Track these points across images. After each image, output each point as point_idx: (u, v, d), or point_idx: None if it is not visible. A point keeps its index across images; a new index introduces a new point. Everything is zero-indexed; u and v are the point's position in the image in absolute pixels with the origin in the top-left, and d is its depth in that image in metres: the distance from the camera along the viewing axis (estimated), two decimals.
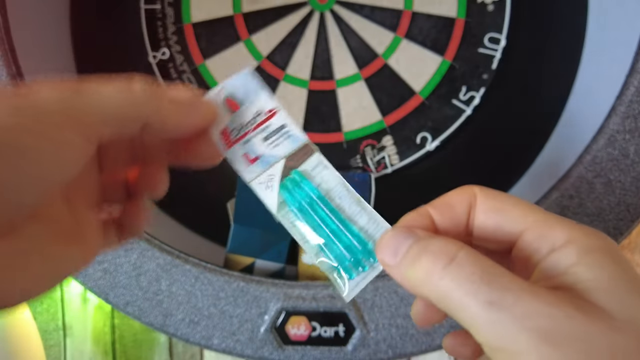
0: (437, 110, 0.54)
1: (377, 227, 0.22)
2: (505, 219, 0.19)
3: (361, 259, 0.21)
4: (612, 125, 0.40)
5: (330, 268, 0.21)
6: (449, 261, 0.17)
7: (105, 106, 0.20)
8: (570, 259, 0.17)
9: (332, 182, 0.23)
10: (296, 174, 0.23)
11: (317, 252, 0.22)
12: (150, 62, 0.55)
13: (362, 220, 0.22)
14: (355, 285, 0.21)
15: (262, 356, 0.42)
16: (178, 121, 0.21)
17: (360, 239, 0.22)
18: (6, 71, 0.42)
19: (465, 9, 0.53)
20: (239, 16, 0.54)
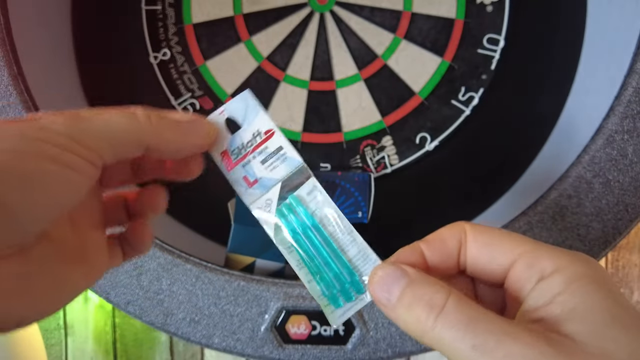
0: (437, 110, 0.54)
1: (366, 260, 0.23)
2: (496, 252, 0.20)
3: (349, 289, 0.22)
4: (610, 125, 0.40)
5: (320, 295, 0.23)
6: (439, 311, 0.19)
7: (109, 130, 0.20)
8: (557, 288, 0.18)
9: (326, 209, 0.23)
10: (292, 198, 0.23)
11: (310, 279, 0.23)
12: (151, 63, 0.55)
13: (353, 251, 0.23)
14: (341, 313, 0.22)
15: (263, 355, 0.42)
16: (179, 143, 0.22)
17: (349, 270, 0.22)
18: (7, 71, 0.42)
19: (465, 10, 0.53)
20: (239, 17, 0.54)
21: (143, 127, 0.21)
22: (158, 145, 0.22)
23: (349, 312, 0.22)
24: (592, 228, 0.41)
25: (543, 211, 0.41)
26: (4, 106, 0.42)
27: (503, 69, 0.53)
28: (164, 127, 0.22)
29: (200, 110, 0.55)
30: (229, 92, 0.55)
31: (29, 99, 0.43)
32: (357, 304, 0.22)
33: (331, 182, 0.50)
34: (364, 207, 0.49)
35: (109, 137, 0.21)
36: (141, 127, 0.21)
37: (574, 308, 0.18)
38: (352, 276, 0.23)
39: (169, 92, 0.55)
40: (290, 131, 0.55)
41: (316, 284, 0.23)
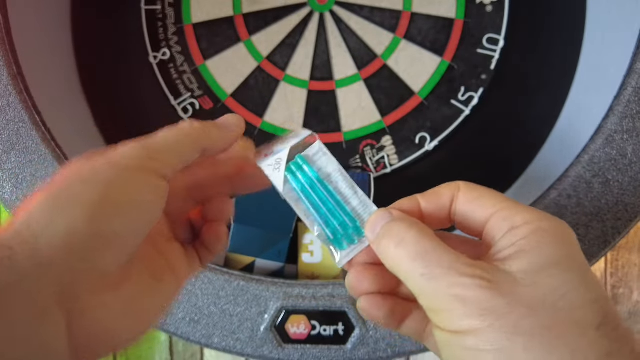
0: (436, 110, 0.54)
1: (366, 209, 0.26)
2: (479, 206, 0.23)
3: (351, 234, 0.25)
4: (610, 125, 0.40)
5: (326, 240, 0.26)
6: (399, 242, 0.22)
7: (170, 144, 0.23)
8: (520, 236, 0.21)
9: (330, 167, 0.26)
10: (299, 158, 0.26)
11: (316, 226, 0.26)
12: (151, 63, 0.55)
13: (354, 202, 0.26)
14: (346, 254, 0.25)
15: (262, 355, 0.42)
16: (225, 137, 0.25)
17: (351, 217, 0.26)
18: (7, 71, 0.42)
19: (464, 10, 0.53)
20: (239, 17, 0.54)
21: (195, 132, 0.24)
22: (211, 144, 0.25)
23: (352, 253, 0.25)
24: (592, 228, 0.41)
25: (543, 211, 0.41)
26: (4, 106, 0.42)
27: (503, 69, 0.53)
28: (209, 128, 0.25)
29: (200, 110, 0.55)
30: (228, 92, 0.55)
31: (29, 99, 0.43)
32: (359, 246, 0.25)
33: None
34: None
35: (174, 148, 0.23)
36: (194, 132, 0.24)
37: (524, 250, 0.20)
38: (354, 222, 0.25)
39: (168, 92, 0.55)
40: (290, 131, 0.55)
41: (323, 230, 0.25)
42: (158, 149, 0.23)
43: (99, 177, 0.21)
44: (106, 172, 0.21)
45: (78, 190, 0.20)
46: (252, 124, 0.55)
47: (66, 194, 0.20)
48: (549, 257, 0.20)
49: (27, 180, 0.43)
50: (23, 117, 0.42)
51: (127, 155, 0.22)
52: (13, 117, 0.42)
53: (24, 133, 0.42)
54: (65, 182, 0.21)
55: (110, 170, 0.21)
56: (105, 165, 0.21)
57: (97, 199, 0.20)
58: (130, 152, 0.22)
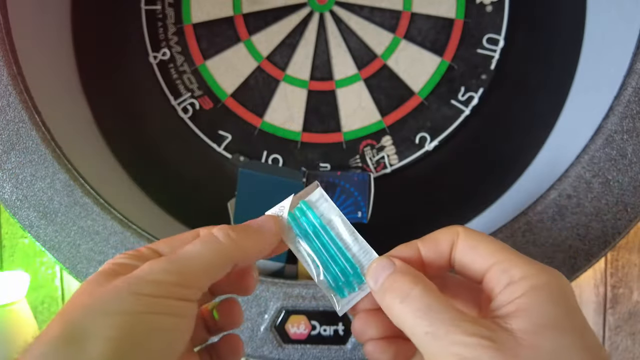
0: (436, 110, 0.54)
1: (366, 255, 0.26)
2: (478, 255, 0.23)
3: (352, 281, 0.25)
4: (610, 125, 0.40)
5: (327, 287, 0.26)
6: (404, 297, 0.22)
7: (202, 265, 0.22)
8: (519, 292, 0.21)
9: (332, 213, 0.26)
10: (303, 204, 0.26)
11: (318, 273, 0.26)
12: (151, 63, 0.55)
13: (355, 248, 0.26)
14: (346, 302, 0.26)
15: (262, 355, 0.42)
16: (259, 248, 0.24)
17: (352, 264, 0.26)
18: (7, 71, 0.42)
19: (464, 10, 0.53)
20: (239, 17, 0.54)
21: (228, 247, 0.23)
22: (243, 257, 0.24)
23: (353, 301, 0.25)
24: (592, 228, 0.41)
25: (543, 211, 0.41)
26: (4, 106, 0.42)
27: (503, 69, 0.53)
28: (243, 239, 0.24)
29: (200, 109, 0.55)
30: (228, 92, 0.55)
31: (29, 99, 0.43)
32: (360, 294, 0.25)
33: (331, 182, 0.50)
34: (363, 207, 0.49)
35: (206, 270, 0.22)
36: (227, 247, 0.23)
37: (524, 308, 0.20)
38: (355, 269, 0.26)
39: (168, 92, 0.55)
40: (289, 131, 0.55)
41: (324, 277, 0.26)
42: (189, 272, 0.21)
43: (122, 307, 0.19)
44: (130, 301, 0.19)
45: (99, 324, 0.18)
46: (252, 124, 0.55)
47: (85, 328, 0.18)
48: (548, 317, 0.20)
49: (27, 180, 0.43)
50: (23, 117, 0.42)
51: (154, 281, 0.20)
52: (13, 117, 0.42)
53: (24, 133, 0.42)
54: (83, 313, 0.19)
55: (134, 299, 0.19)
56: (130, 292, 0.19)
57: (120, 334, 0.18)
58: (158, 276, 0.20)
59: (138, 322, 0.19)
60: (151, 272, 0.20)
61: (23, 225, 0.43)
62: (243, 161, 0.55)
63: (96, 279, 0.21)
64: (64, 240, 0.43)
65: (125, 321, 0.19)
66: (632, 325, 0.70)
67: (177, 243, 0.24)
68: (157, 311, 0.20)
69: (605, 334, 0.70)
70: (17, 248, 0.69)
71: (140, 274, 0.20)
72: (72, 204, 0.43)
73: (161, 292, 0.20)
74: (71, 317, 0.19)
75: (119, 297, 0.19)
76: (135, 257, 0.23)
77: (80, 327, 0.18)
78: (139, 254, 0.23)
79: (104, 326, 0.18)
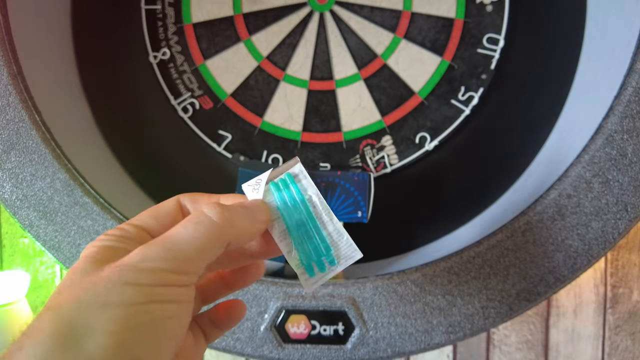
0: (436, 110, 0.54)
1: (340, 236, 0.26)
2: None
3: (324, 261, 0.25)
4: (610, 125, 0.40)
5: (297, 264, 0.25)
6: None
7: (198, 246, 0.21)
8: None
9: (310, 190, 0.26)
10: (288, 176, 0.26)
11: (290, 249, 0.25)
12: (151, 62, 0.55)
13: (330, 228, 0.26)
14: (314, 282, 0.25)
15: (262, 354, 0.42)
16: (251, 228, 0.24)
17: (326, 244, 0.26)
18: (7, 71, 0.42)
19: (464, 10, 0.53)
20: (239, 17, 0.54)
21: (222, 226, 0.22)
22: (237, 237, 0.23)
23: (321, 281, 0.25)
24: (592, 227, 0.41)
25: (543, 211, 0.41)
26: (4, 106, 0.42)
27: (503, 69, 0.53)
28: (236, 217, 0.23)
29: (200, 109, 0.55)
30: (228, 91, 0.55)
31: (29, 98, 0.43)
32: (328, 274, 0.25)
33: (331, 182, 0.50)
34: (363, 206, 0.49)
35: (200, 252, 0.21)
36: (221, 227, 0.22)
37: None
38: (328, 250, 0.25)
39: (168, 92, 0.55)
40: (290, 131, 0.55)
41: (296, 253, 0.25)
42: (184, 258, 0.20)
43: (121, 299, 0.18)
44: (128, 292, 0.19)
45: (97, 319, 0.18)
46: (252, 123, 0.55)
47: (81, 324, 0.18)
48: None
49: (27, 180, 0.43)
50: (23, 117, 0.42)
51: (150, 269, 0.19)
52: (13, 117, 0.42)
53: (24, 133, 0.42)
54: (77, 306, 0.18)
55: (133, 290, 0.19)
56: (126, 283, 0.19)
57: (121, 327, 0.18)
58: (154, 264, 0.20)
59: (138, 312, 0.18)
60: (145, 259, 0.20)
61: (23, 225, 0.43)
62: (243, 161, 0.55)
63: (83, 266, 0.20)
64: (64, 240, 0.43)
65: (125, 313, 0.18)
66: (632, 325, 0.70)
67: (162, 214, 0.24)
68: (156, 300, 0.19)
69: (605, 334, 0.70)
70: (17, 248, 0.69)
71: (132, 261, 0.20)
72: (72, 204, 0.43)
73: (158, 280, 0.19)
74: (65, 312, 0.18)
75: (115, 289, 0.19)
76: (121, 238, 0.22)
77: (77, 323, 0.18)
78: (125, 233, 0.22)
79: (102, 320, 0.18)
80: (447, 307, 0.42)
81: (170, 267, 0.20)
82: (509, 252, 0.41)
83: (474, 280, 0.41)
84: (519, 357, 0.70)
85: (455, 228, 0.53)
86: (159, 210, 0.24)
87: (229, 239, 0.22)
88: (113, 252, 0.21)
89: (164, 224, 0.23)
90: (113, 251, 0.21)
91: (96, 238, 0.22)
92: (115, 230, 0.22)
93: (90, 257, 0.20)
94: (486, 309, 0.41)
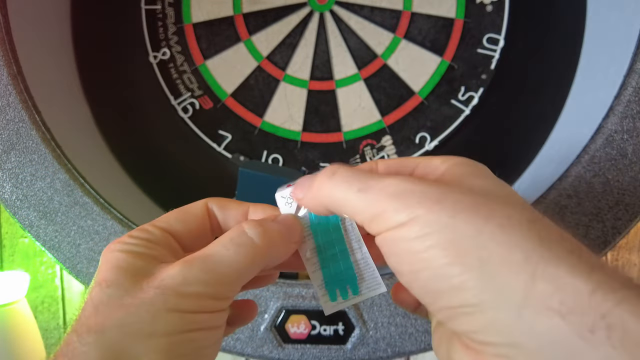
0: (436, 110, 0.54)
1: (367, 266, 0.25)
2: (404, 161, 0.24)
3: (346, 287, 0.25)
4: (610, 125, 0.40)
5: (320, 286, 0.25)
6: (331, 175, 0.21)
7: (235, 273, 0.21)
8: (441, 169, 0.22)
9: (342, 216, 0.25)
10: None
11: (315, 269, 0.25)
12: (151, 62, 0.55)
13: (358, 255, 0.25)
14: (333, 306, 0.25)
15: (262, 354, 0.42)
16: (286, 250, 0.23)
17: (352, 272, 0.25)
18: (7, 71, 0.42)
19: (464, 10, 0.53)
20: (239, 17, 0.54)
21: (262, 249, 0.21)
22: (273, 260, 0.23)
23: (341, 306, 0.25)
24: (592, 227, 0.41)
25: (543, 211, 0.41)
26: (4, 106, 0.42)
27: (503, 69, 0.53)
28: (273, 240, 0.22)
29: (200, 109, 0.55)
30: (228, 91, 0.55)
31: (29, 99, 0.43)
32: (349, 302, 0.25)
33: None
34: None
35: (241, 276, 0.21)
36: (261, 250, 0.21)
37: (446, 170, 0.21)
38: (353, 279, 0.25)
39: (168, 92, 0.55)
40: (290, 131, 0.55)
41: (320, 274, 0.25)
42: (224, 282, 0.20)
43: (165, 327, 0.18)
44: (172, 321, 0.18)
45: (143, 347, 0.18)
46: (252, 123, 0.55)
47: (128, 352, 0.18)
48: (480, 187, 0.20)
49: (27, 180, 0.43)
50: (23, 117, 0.42)
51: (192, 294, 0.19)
52: (13, 117, 0.42)
53: (24, 133, 0.42)
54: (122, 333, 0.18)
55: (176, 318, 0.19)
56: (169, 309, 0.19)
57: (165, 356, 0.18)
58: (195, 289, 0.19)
59: (182, 342, 0.19)
60: (186, 282, 0.19)
61: (23, 225, 0.43)
62: (243, 161, 0.55)
63: (117, 280, 0.19)
64: (64, 240, 0.43)
65: (170, 342, 0.18)
66: None
67: (189, 218, 0.23)
68: (197, 328, 0.19)
69: None
70: (17, 248, 0.69)
71: (174, 284, 0.19)
72: (72, 204, 0.43)
73: (200, 307, 0.19)
74: (109, 339, 0.18)
75: (159, 316, 0.18)
76: (147, 243, 0.21)
77: (123, 351, 0.18)
78: (151, 237, 0.22)
79: (148, 350, 0.18)
80: None
81: (211, 292, 0.20)
82: None
83: None
84: None
85: None
86: (185, 213, 0.24)
87: (267, 261, 0.22)
88: (144, 261, 0.20)
89: (190, 228, 0.23)
90: (143, 259, 0.20)
91: (117, 240, 0.21)
92: (140, 232, 0.22)
93: (121, 268, 0.20)
94: None
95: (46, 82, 0.47)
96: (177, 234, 0.23)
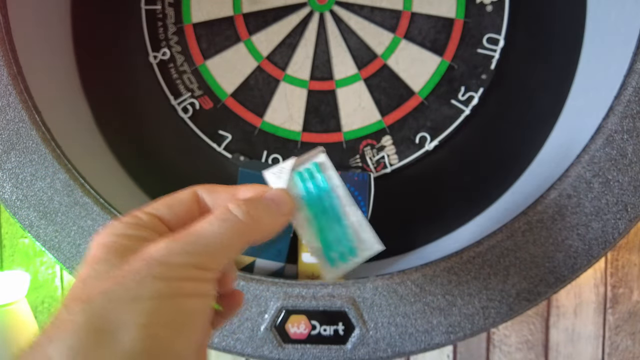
0: (436, 110, 0.54)
1: (362, 228, 0.25)
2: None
3: (345, 252, 0.25)
4: (610, 125, 0.40)
5: (320, 254, 0.25)
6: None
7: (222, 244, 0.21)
8: None
9: (335, 180, 0.26)
10: (314, 165, 0.26)
11: (312, 238, 0.25)
12: (151, 62, 0.55)
13: (352, 218, 0.25)
14: (334, 272, 0.25)
15: (262, 355, 0.42)
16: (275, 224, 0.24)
17: (348, 235, 0.25)
18: (7, 71, 0.42)
19: (464, 10, 0.53)
20: (239, 17, 0.54)
21: (247, 225, 0.22)
22: (262, 233, 0.23)
23: (342, 271, 0.25)
24: (592, 228, 0.41)
25: (543, 211, 0.41)
26: (4, 106, 0.42)
27: (503, 69, 0.53)
28: (261, 215, 0.23)
29: (200, 109, 0.55)
30: (228, 91, 0.55)
31: (29, 99, 0.43)
32: (349, 265, 0.25)
33: None
34: (363, 206, 0.49)
35: (225, 251, 0.21)
36: (246, 226, 0.22)
37: None
38: (349, 241, 0.25)
39: (168, 92, 0.55)
40: (289, 131, 0.55)
41: (318, 242, 0.25)
42: (209, 253, 0.21)
43: (150, 292, 0.19)
44: (157, 286, 0.19)
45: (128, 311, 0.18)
46: (252, 123, 0.55)
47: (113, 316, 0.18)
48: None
49: (27, 180, 0.43)
50: (23, 117, 0.42)
51: (176, 264, 0.20)
52: (13, 117, 0.42)
53: (24, 133, 0.42)
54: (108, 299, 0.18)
55: (161, 284, 0.19)
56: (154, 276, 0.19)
57: (151, 320, 0.18)
58: (180, 259, 0.20)
59: (169, 306, 0.19)
60: (171, 253, 0.20)
61: (23, 225, 0.43)
62: (243, 161, 0.55)
63: (104, 257, 0.20)
64: (64, 240, 0.43)
65: (157, 306, 0.18)
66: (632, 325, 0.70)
67: (177, 204, 0.24)
68: (184, 293, 0.19)
69: (605, 334, 0.70)
70: (17, 248, 0.69)
71: (159, 255, 0.20)
72: (72, 204, 0.43)
73: (185, 275, 0.20)
74: (97, 305, 0.18)
75: (145, 282, 0.19)
76: (136, 226, 0.22)
77: (110, 316, 0.18)
78: (139, 221, 0.22)
79: (135, 314, 0.18)
80: (447, 307, 0.42)
81: (194, 261, 0.20)
82: (509, 252, 0.41)
83: (474, 281, 0.41)
84: (519, 357, 0.70)
85: (455, 228, 0.53)
86: (173, 199, 0.24)
87: (254, 236, 0.22)
88: (132, 241, 0.21)
89: (178, 213, 0.23)
90: (131, 240, 0.21)
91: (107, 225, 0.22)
92: (129, 217, 0.22)
93: (109, 247, 0.20)
94: (486, 309, 0.41)
95: (46, 82, 0.47)
96: (165, 219, 0.23)
